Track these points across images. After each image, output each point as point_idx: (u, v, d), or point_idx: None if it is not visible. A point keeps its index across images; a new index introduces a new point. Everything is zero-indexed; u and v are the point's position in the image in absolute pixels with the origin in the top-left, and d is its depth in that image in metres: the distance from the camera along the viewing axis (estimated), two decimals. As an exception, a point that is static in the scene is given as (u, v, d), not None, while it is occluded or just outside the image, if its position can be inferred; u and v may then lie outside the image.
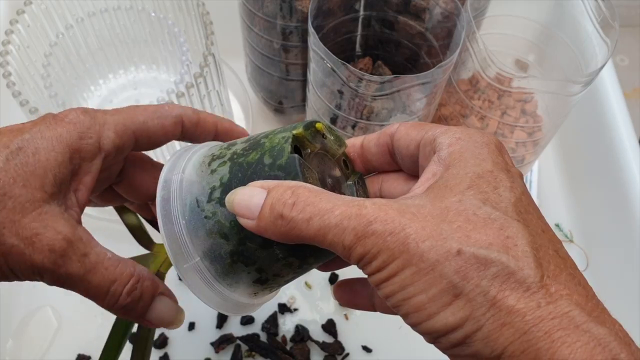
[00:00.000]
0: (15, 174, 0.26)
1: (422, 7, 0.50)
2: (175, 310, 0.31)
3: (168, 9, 0.56)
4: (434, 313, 0.22)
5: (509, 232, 0.22)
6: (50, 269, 0.26)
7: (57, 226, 0.26)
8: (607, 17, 0.47)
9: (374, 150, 0.30)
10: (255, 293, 0.29)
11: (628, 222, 0.54)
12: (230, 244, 0.27)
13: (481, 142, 0.26)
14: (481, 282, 0.21)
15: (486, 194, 0.23)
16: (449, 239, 0.22)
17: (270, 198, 0.25)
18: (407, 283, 0.22)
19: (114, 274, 0.28)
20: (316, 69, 0.48)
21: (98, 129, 0.29)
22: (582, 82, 0.46)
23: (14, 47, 0.48)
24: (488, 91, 0.52)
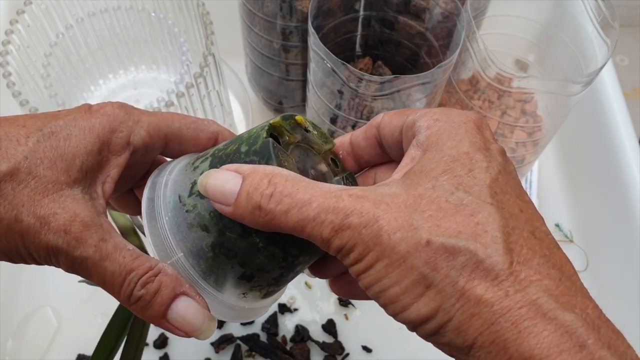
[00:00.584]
0: (43, 156, 0.26)
1: (422, 7, 0.50)
2: (203, 315, 0.27)
3: (168, 9, 0.56)
4: (408, 304, 0.22)
5: (479, 218, 0.22)
6: (65, 250, 0.25)
7: (76, 209, 0.26)
8: (607, 17, 0.47)
9: (362, 144, 0.30)
10: (244, 293, 0.29)
11: (628, 222, 0.54)
12: (211, 235, 0.27)
13: (459, 121, 0.25)
14: (450, 272, 0.21)
15: (460, 177, 0.23)
16: (419, 229, 0.22)
17: (246, 186, 0.24)
18: (382, 275, 0.22)
19: (132, 264, 0.26)
20: (316, 69, 0.48)
21: (131, 125, 0.29)
22: (582, 82, 0.46)
23: (14, 47, 0.48)
24: (488, 91, 0.52)
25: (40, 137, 0.26)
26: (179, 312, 0.27)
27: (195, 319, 0.27)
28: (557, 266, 0.22)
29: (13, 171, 0.25)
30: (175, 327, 0.27)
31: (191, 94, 0.46)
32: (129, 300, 0.26)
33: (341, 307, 0.55)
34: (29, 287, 0.55)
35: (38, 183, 0.26)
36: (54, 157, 0.26)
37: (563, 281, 0.21)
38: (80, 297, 0.55)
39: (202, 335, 0.27)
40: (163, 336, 0.53)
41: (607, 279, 0.57)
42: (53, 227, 0.25)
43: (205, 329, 0.27)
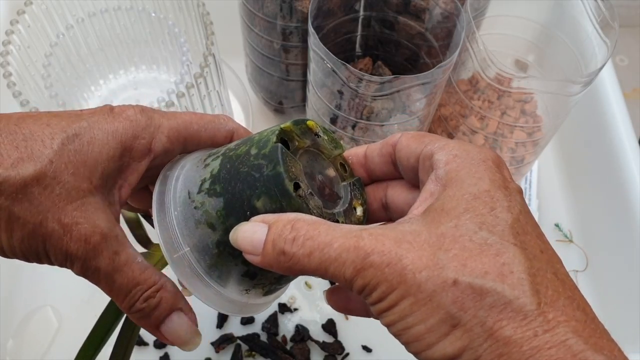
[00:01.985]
0: (67, 160, 0.27)
1: (422, 8, 0.50)
2: (191, 331, 0.30)
3: (168, 9, 0.56)
4: (432, 343, 0.22)
5: (505, 259, 0.22)
6: (82, 259, 0.27)
7: (96, 219, 0.27)
8: (607, 17, 0.47)
9: (377, 160, 0.30)
10: (247, 290, 0.29)
11: (628, 222, 0.54)
12: (217, 233, 0.28)
13: (478, 159, 0.25)
14: (478, 313, 0.21)
15: (482, 216, 0.23)
16: (445, 268, 0.22)
17: (271, 234, 0.25)
18: (406, 313, 0.22)
19: (139, 278, 0.28)
20: (316, 69, 0.48)
21: (152, 131, 0.29)
22: (582, 83, 0.46)
23: (14, 47, 0.48)
24: (488, 91, 0.52)
25: (64, 139, 0.27)
26: (171, 326, 0.30)
27: (184, 334, 0.30)
28: (581, 308, 0.22)
29: (39, 175, 0.26)
30: (165, 337, 0.30)
31: (191, 94, 0.46)
32: (130, 310, 0.28)
33: (341, 307, 0.55)
34: (29, 287, 0.55)
35: (62, 189, 0.26)
36: (77, 162, 0.27)
37: (588, 323, 0.22)
38: (81, 297, 0.55)
39: (186, 347, 0.31)
40: (163, 336, 0.53)
41: (606, 279, 0.57)
42: (75, 236, 0.26)
43: (191, 343, 0.30)
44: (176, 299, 0.29)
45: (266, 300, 0.31)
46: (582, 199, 0.62)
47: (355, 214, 0.30)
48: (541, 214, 0.62)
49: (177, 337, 0.30)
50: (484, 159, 0.25)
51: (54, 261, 0.27)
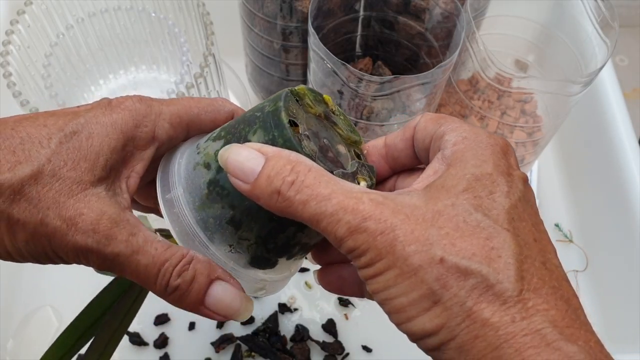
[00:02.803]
0: (66, 157, 0.26)
1: (422, 8, 0.50)
2: (240, 298, 0.27)
3: (168, 9, 0.56)
4: (412, 316, 0.22)
5: (495, 243, 0.22)
6: (95, 250, 0.25)
7: (102, 207, 0.26)
8: (607, 17, 0.47)
9: (400, 146, 0.29)
10: (231, 245, 0.28)
11: (628, 222, 0.54)
12: (210, 173, 0.27)
13: (486, 142, 0.25)
14: (459, 292, 0.21)
15: (480, 199, 0.23)
16: (434, 245, 0.22)
17: (268, 168, 0.24)
18: (390, 284, 0.23)
19: (165, 254, 0.26)
20: (316, 69, 0.48)
21: (154, 119, 0.29)
22: (582, 83, 0.46)
23: (14, 47, 0.48)
24: (488, 91, 0.52)
25: (62, 138, 0.26)
26: (217, 297, 0.27)
27: (233, 302, 0.27)
28: (564, 298, 0.22)
29: (36, 174, 0.25)
30: (214, 312, 0.27)
31: (191, 94, 0.46)
32: (166, 290, 0.26)
33: (341, 307, 0.55)
34: (29, 287, 0.55)
35: (62, 185, 0.25)
36: (77, 157, 0.26)
37: (569, 313, 0.22)
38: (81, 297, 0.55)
39: (240, 316, 0.28)
40: (163, 336, 0.53)
41: (606, 279, 0.57)
42: (81, 228, 0.25)
43: (243, 310, 0.28)
44: (212, 268, 0.27)
45: (254, 275, 0.29)
46: (582, 199, 0.62)
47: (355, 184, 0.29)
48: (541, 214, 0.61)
49: (227, 308, 0.27)
50: (492, 143, 0.25)
51: (66, 259, 0.26)
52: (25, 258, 0.27)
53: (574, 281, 0.58)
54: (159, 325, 0.54)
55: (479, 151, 0.25)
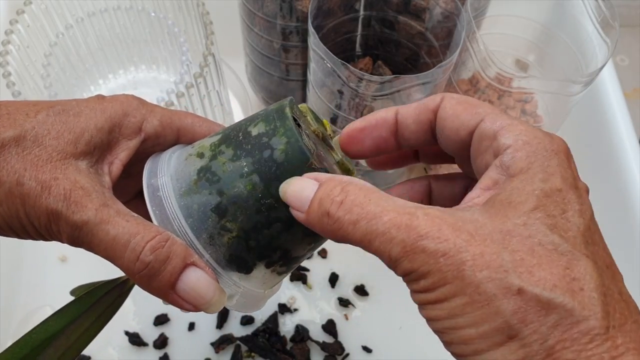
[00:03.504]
0: (50, 128, 0.26)
1: (422, 7, 0.50)
2: (214, 288, 0.26)
3: (168, 9, 0.56)
4: (481, 350, 0.20)
5: (576, 272, 0.20)
6: (64, 215, 0.25)
7: (78, 177, 0.25)
8: (607, 17, 0.47)
9: (412, 127, 0.27)
10: (211, 236, 0.27)
11: (628, 222, 0.54)
12: (203, 160, 0.27)
13: (550, 150, 0.23)
14: (540, 328, 0.19)
15: (554, 218, 0.21)
16: (510, 272, 0.20)
17: (320, 192, 0.23)
18: (457, 313, 0.21)
19: (137, 227, 0.25)
20: (316, 69, 0.48)
21: (144, 113, 0.29)
22: (582, 82, 0.46)
23: (13, 47, 0.48)
24: (488, 91, 0.52)
25: (50, 112, 0.27)
26: (189, 283, 0.25)
27: (206, 291, 0.25)
28: None
29: (18, 138, 0.25)
30: (184, 300, 0.25)
31: (191, 94, 0.46)
32: (134, 267, 0.24)
33: (341, 307, 0.55)
34: (29, 287, 0.55)
35: (43, 151, 0.25)
36: (61, 129, 0.26)
37: None
38: (80, 297, 0.55)
39: (210, 308, 0.26)
40: (163, 336, 0.53)
41: (607, 279, 0.57)
42: (53, 192, 0.25)
43: (215, 302, 0.26)
44: (188, 252, 0.26)
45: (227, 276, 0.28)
46: (583, 199, 0.62)
47: None
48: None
49: (198, 296, 0.25)
50: (557, 150, 0.23)
51: (38, 226, 0.26)
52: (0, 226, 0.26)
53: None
54: (158, 325, 0.54)
55: (545, 162, 0.23)
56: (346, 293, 0.56)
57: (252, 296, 0.29)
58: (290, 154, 0.26)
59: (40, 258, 0.57)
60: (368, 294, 0.55)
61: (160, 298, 0.26)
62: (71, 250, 0.56)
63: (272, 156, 0.26)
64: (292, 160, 0.26)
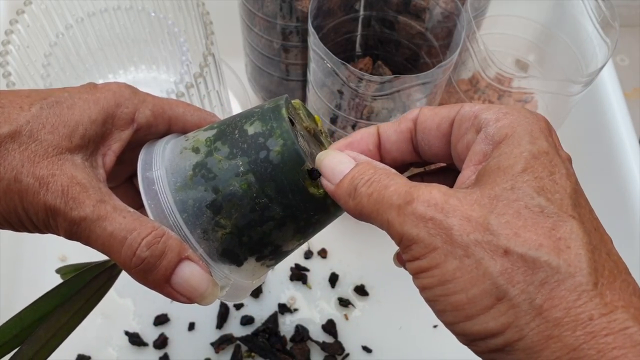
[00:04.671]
0: (45, 121, 0.26)
1: (422, 7, 0.50)
2: (207, 281, 0.26)
3: (168, 9, 0.56)
4: (472, 315, 0.20)
5: (562, 232, 0.20)
6: (62, 211, 0.25)
7: (75, 172, 0.26)
8: (607, 17, 0.47)
9: (393, 138, 0.28)
10: (205, 231, 0.27)
11: (628, 222, 0.54)
12: (198, 156, 0.28)
13: (531, 118, 0.23)
14: (528, 288, 0.19)
15: (541, 180, 0.21)
16: (496, 234, 0.20)
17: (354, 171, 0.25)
18: (447, 278, 0.21)
19: (134, 224, 0.25)
20: (316, 69, 0.48)
21: (136, 103, 0.29)
22: (582, 82, 0.46)
23: (13, 47, 0.48)
24: (488, 91, 0.52)
25: (43, 105, 0.27)
26: (184, 277, 0.26)
27: (200, 284, 0.26)
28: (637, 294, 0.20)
29: (14, 133, 0.25)
30: (178, 293, 0.26)
31: (191, 94, 0.46)
32: (131, 262, 0.25)
33: (341, 307, 0.55)
34: (29, 287, 0.55)
35: (39, 146, 0.26)
36: (56, 122, 0.26)
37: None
38: (80, 297, 0.55)
39: (204, 300, 0.27)
40: (163, 336, 0.53)
41: (607, 279, 0.57)
42: (51, 188, 0.25)
43: (208, 294, 0.27)
44: (183, 247, 0.26)
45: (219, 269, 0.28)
46: (583, 199, 0.62)
47: None
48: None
49: (193, 290, 0.26)
50: (537, 119, 0.24)
51: (36, 222, 0.26)
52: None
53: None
54: (158, 325, 0.54)
55: (528, 127, 0.23)
56: (346, 293, 0.56)
57: (240, 287, 0.30)
58: (286, 156, 0.26)
59: (40, 258, 0.57)
60: (368, 294, 0.55)
61: (155, 291, 0.26)
62: (71, 250, 0.56)
63: (268, 157, 0.26)
64: (287, 162, 0.26)
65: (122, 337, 0.53)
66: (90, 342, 0.53)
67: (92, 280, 0.31)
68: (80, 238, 0.26)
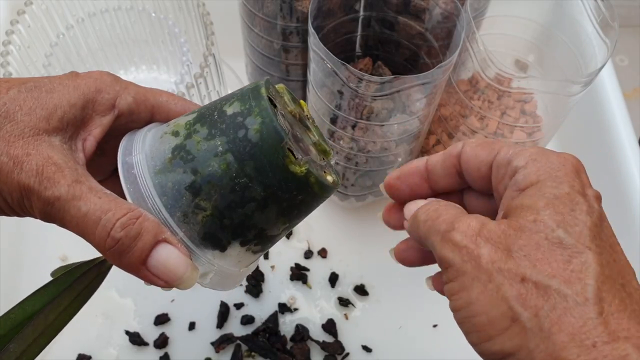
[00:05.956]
0: (22, 104, 0.26)
1: (422, 8, 0.50)
2: (185, 264, 0.26)
3: (168, 9, 0.56)
4: (492, 335, 0.22)
5: (575, 264, 0.22)
6: (36, 191, 0.24)
7: (50, 152, 0.25)
8: (607, 17, 0.47)
9: (440, 172, 0.30)
10: (185, 214, 0.27)
11: (628, 222, 0.54)
12: (178, 139, 0.27)
13: (558, 163, 0.25)
14: (539, 312, 0.21)
15: (562, 215, 0.23)
16: (516, 263, 0.22)
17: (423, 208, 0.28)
18: (472, 301, 0.23)
19: (109, 205, 0.25)
20: (316, 70, 0.48)
21: (118, 89, 0.29)
22: (582, 83, 0.46)
23: (14, 47, 0.48)
24: (488, 91, 0.52)
25: (21, 88, 0.26)
26: (160, 259, 0.25)
27: (177, 267, 0.25)
28: None
29: None
30: (155, 276, 0.25)
31: (191, 94, 0.46)
32: (105, 243, 0.25)
33: (341, 307, 0.55)
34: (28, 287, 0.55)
35: (15, 126, 0.25)
36: (33, 105, 0.26)
37: None
38: (81, 297, 0.55)
39: (183, 284, 0.26)
40: (163, 336, 0.53)
41: (606, 279, 0.57)
42: (25, 167, 0.25)
43: (187, 278, 0.26)
44: (160, 229, 0.25)
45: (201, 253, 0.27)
46: (582, 199, 0.62)
47: None
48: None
49: (170, 272, 0.25)
50: (564, 163, 0.25)
51: (10, 202, 0.26)
52: None
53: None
54: (159, 325, 0.54)
55: (552, 173, 0.25)
56: (346, 293, 0.56)
57: (226, 274, 0.29)
58: (264, 133, 0.26)
59: (41, 258, 0.57)
60: (368, 293, 0.55)
61: (131, 274, 0.26)
62: (71, 250, 0.56)
63: (246, 136, 0.26)
64: (266, 140, 0.26)
65: (123, 336, 0.53)
66: (90, 342, 0.53)
67: (81, 276, 0.31)
68: (55, 219, 0.25)
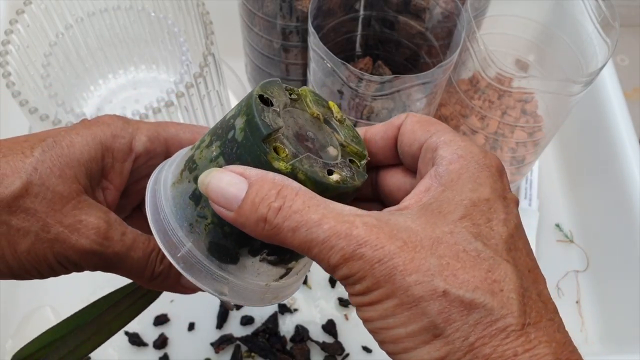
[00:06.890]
0: (51, 164, 0.27)
1: (422, 7, 0.50)
2: None
3: (168, 8, 0.56)
4: (410, 348, 0.22)
5: (496, 275, 0.22)
6: (99, 252, 0.28)
7: (96, 212, 0.28)
8: (608, 17, 0.47)
9: (380, 143, 0.29)
10: (191, 224, 0.27)
11: (628, 222, 0.54)
12: (190, 152, 0.28)
13: (482, 164, 0.25)
14: (462, 327, 0.21)
15: (479, 227, 0.23)
16: (436, 276, 0.22)
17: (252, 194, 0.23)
18: (388, 314, 0.22)
19: (150, 247, 0.29)
20: (316, 69, 0.48)
21: (131, 131, 0.30)
22: (583, 82, 0.45)
23: (13, 47, 0.48)
24: (488, 91, 0.52)
25: (44, 146, 0.27)
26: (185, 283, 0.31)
27: None
28: (561, 330, 0.23)
29: (27, 185, 0.26)
30: (186, 289, 0.31)
31: (191, 94, 0.46)
32: (152, 276, 0.30)
33: (341, 307, 0.55)
34: (29, 287, 0.55)
35: (54, 194, 0.27)
36: (61, 165, 0.27)
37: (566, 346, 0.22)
38: (80, 297, 0.55)
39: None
40: (163, 336, 0.53)
41: (607, 279, 0.57)
42: (83, 233, 0.27)
43: None
44: None
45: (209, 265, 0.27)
46: (583, 199, 0.62)
47: None
48: (542, 214, 0.62)
49: None
50: (488, 164, 0.25)
51: (67, 265, 0.28)
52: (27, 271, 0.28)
53: (575, 281, 0.58)
54: (158, 325, 0.54)
55: (475, 173, 0.24)
56: (346, 293, 0.56)
57: (245, 288, 0.28)
58: (247, 131, 0.25)
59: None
60: (368, 294, 0.55)
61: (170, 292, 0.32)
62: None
63: (234, 136, 0.25)
64: (249, 138, 0.25)
65: (122, 337, 0.53)
66: (90, 342, 0.53)
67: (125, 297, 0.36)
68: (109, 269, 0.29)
